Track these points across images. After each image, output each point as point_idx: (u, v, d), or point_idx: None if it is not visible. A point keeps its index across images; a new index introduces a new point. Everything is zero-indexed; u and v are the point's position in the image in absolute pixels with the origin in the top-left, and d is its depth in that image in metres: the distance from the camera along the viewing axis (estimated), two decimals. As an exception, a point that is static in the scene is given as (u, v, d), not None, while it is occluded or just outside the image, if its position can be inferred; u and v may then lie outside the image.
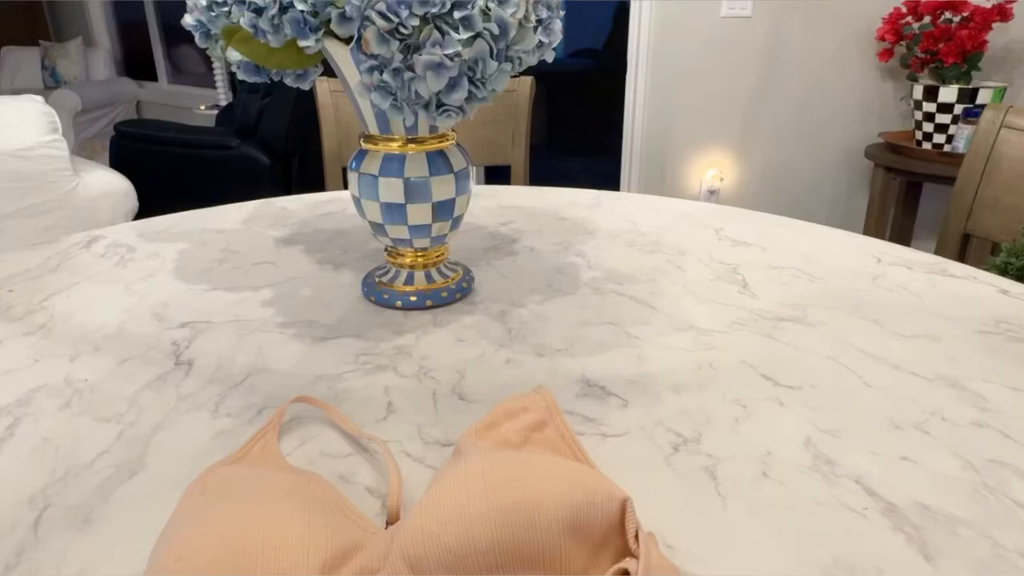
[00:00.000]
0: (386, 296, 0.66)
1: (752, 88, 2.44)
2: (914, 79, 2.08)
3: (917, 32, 2.02)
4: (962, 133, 1.96)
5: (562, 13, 0.57)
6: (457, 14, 0.48)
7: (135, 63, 4.75)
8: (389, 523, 0.37)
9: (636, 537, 0.31)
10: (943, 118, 2.01)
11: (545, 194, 1.07)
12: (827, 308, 0.66)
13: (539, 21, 0.53)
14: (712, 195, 2.58)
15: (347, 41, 0.51)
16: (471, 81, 0.52)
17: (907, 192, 2.23)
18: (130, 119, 3.34)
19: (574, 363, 0.55)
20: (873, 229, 2.20)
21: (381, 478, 0.42)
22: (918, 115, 2.07)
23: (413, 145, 0.60)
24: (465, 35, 0.48)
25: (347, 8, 0.48)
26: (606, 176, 3.14)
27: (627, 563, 0.30)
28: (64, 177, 1.87)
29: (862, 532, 0.37)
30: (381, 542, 0.33)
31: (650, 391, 0.51)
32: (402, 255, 0.67)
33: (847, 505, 0.39)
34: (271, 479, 0.36)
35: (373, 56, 0.49)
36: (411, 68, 0.50)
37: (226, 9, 0.52)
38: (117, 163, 2.69)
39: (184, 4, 0.58)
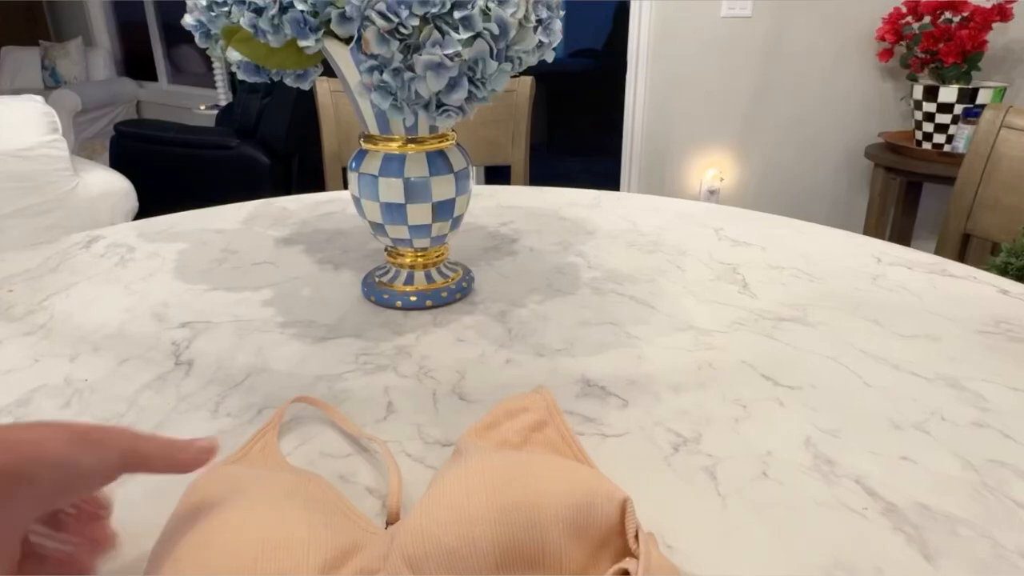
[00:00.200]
0: (386, 296, 0.66)
1: (752, 88, 2.44)
2: (914, 79, 2.08)
3: (917, 32, 2.02)
4: (962, 133, 1.96)
5: (562, 13, 0.57)
6: (457, 14, 0.48)
7: (135, 63, 4.75)
8: (389, 523, 0.37)
9: (636, 537, 0.31)
10: (943, 118, 2.01)
11: (545, 194, 1.07)
12: (827, 308, 0.66)
13: (539, 21, 0.53)
14: (712, 195, 2.58)
15: (347, 41, 0.51)
16: (471, 81, 0.52)
17: (907, 192, 2.23)
18: (130, 119, 3.34)
19: (574, 363, 0.55)
20: (873, 229, 2.20)
21: (381, 478, 0.42)
22: (918, 115, 2.07)
23: (413, 145, 0.60)
24: (465, 35, 0.48)
25: (347, 8, 0.48)
26: (606, 176, 3.14)
27: (627, 563, 0.30)
28: (64, 177, 1.87)
29: (862, 532, 0.37)
30: (381, 542, 0.33)
31: (650, 391, 0.51)
32: (402, 255, 0.67)
33: (847, 505, 0.39)
34: (271, 479, 0.36)
35: (373, 56, 0.49)
36: (411, 68, 0.50)
37: (226, 9, 0.52)
38: (117, 163, 2.69)
39: (184, 4, 0.58)
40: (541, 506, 0.31)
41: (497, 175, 3.12)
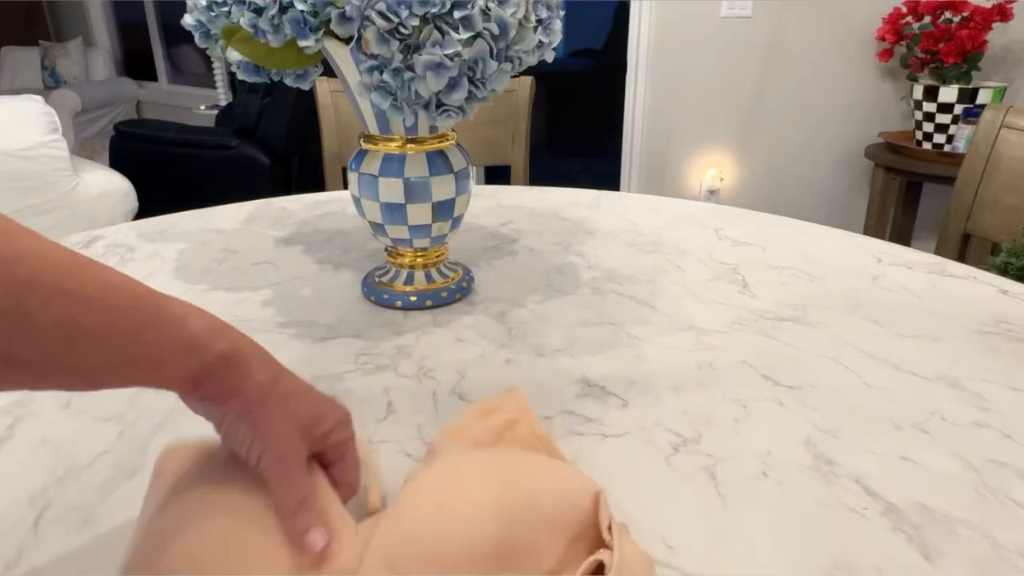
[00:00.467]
0: (386, 296, 0.66)
1: (752, 88, 2.44)
2: (914, 79, 2.08)
3: (917, 32, 2.02)
4: (962, 133, 1.96)
5: (562, 13, 0.57)
6: (457, 14, 0.48)
7: (135, 63, 4.74)
8: (369, 513, 0.36)
9: (609, 529, 0.31)
10: (943, 118, 2.00)
11: (545, 194, 1.07)
12: (827, 308, 0.66)
13: (539, 21, 0.53)
14: (712, 195, 2.58)
15: (347, 41, 0.51)
16: (471, 81, 0.52)
17: (907, 192, 2.22)
18: (130, 119, 3.34)
19: (574, 363, 0.55)
20: (873, 229, 2.20)
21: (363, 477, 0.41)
22: (918, 115, 2.06)
23: (413, 145, 0.60)
24: (465, 35, 0.48)
25: (347, 8, 0.48)
26: (606, 176, 3.13)
27: (602, 555, 0.30)
28: (64, 177, 1.87)
29: (862, 532, 0.37)
30: (357, 541, 0.32)
31: (650, 391, 0.51)
32: (402, 255, 0.67)
33: (847, 505, 0.39)
34: (243, 473, 0.35)
35: (373, 56, 0.49)
36: (411, 68, 0.50)
37: (226, 9, 0.52)
38: (117, 163, 2.69)
39: (184, 4, 0.58)
40: (517, 501, 0.31)
41: (497, 175, 3.12)
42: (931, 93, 2.00)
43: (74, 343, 0.27)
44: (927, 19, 2.00)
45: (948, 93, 1.97)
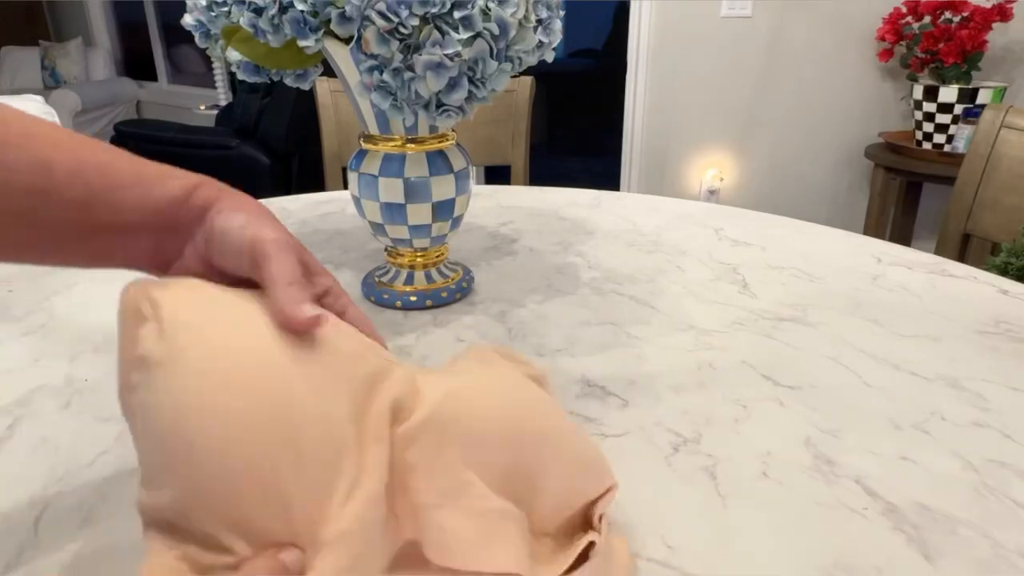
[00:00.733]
0: (386, 296, 0.66)
1: (752, 88, 2.44)
2: (914, 79, 2.08)
3: (917, 32, 2.02)
4: (962, 133, 1.96)
5: (562, 13, 0.57)
6: (457, 14, 0.48)
7: (135, 63, 4.75)
8: None
9: (600, 519, 0.33)
10: (943, 118, 2.00)
11: (545, 194, 1.07)
12: (827, 308, 0.66)
13: (539, 21, 0.53)
14: (712, 195, 2.58)
15: (347, 41, 0.51)
16: (471, 81, 0.52)
17: (907, 192, 2.22)
18: (130, 119, 3.34)
19: (574, 363, 0.55)
20: (873, 229, 2.20)
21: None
22: (918, 115, 2.06)
23: (413, 145, 0.60)
24: (465, 35, 0.48)
25: (347, 8, 0.48)
26: (606, 176, 3.14)
27: (593, 535, 0.32)
28: (64, 177, 1.87)
29: (862, 532, 0.37)
30: (406, 373, 0.31)
31: (650, 391, 0.51)
32: (402, 255, 0.67)
33: (847, 505, 0.39)
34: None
35: (373, 56, 0.49)
36: (411, 68, 0.50)
37: (226, 9, 0.52)
38: (117, 163, 2.68)
39: (184, 4, 0.58)
40: (550, 446, 0.32)
41: (497, 175, 3.12)
42: (931, 93, 2.00)
43: (53, 179, 0.29)
44: (927, 19, 2.00)
45: (948, 93, 1.97)
